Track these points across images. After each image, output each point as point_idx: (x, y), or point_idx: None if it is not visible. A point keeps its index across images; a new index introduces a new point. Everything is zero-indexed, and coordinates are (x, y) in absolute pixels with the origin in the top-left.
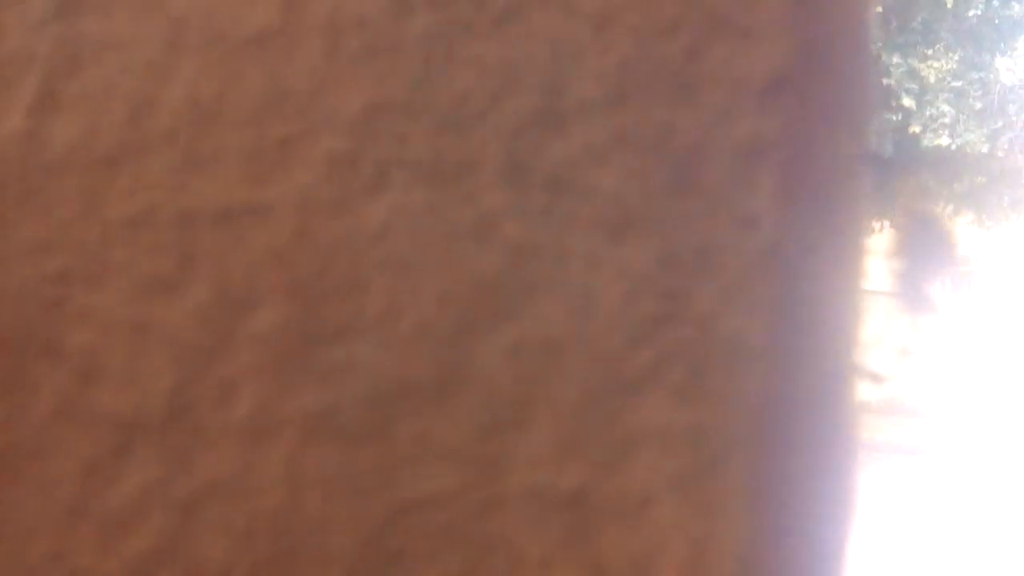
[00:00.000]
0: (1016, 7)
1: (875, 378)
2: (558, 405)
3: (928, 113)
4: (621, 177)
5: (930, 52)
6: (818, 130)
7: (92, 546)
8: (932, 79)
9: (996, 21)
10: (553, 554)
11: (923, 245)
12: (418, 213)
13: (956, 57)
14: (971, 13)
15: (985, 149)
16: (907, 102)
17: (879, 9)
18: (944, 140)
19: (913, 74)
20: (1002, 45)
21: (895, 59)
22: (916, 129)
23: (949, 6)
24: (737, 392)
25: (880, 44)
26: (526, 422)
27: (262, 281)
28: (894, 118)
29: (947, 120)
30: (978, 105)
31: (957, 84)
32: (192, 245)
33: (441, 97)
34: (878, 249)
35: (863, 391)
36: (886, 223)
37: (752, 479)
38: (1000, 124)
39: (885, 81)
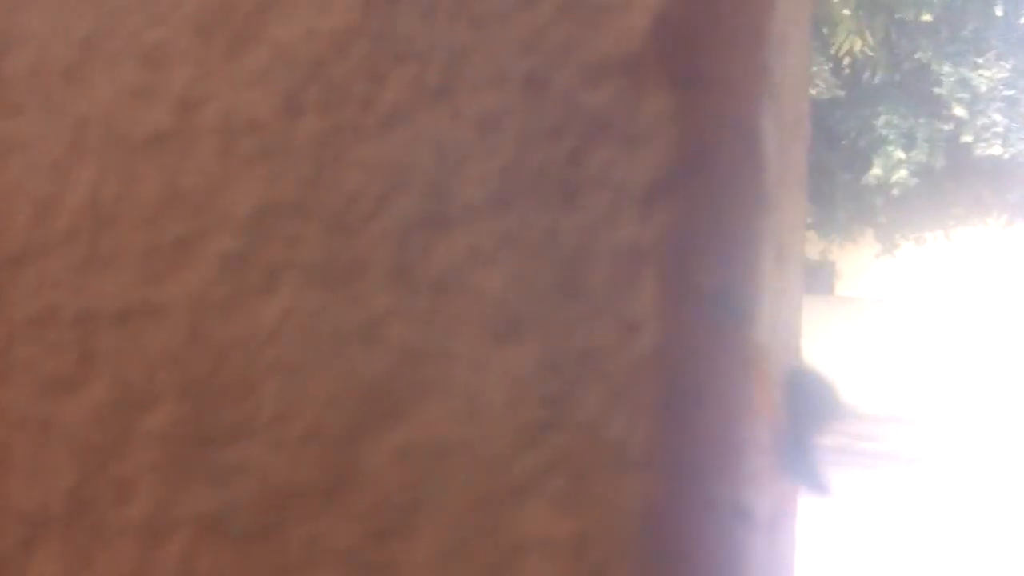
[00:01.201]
0: None
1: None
2: (444, 511)
3: (980, 123)
4: (505, 280)
5: (981, 61)
6: (702, 234)
7: None
8: (983, 88)
9: None
10: None
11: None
12: (308, 315)
13: (1008, 66)
14: (1022, 21)
15: None
16: (958, 112)
17: (929, 18)
18: (996, 150)
19: (964, 83)
20: None
21: (946, 68)
22: (968, 139)
23: (999, 15)
24: (620, 500)
25: (930, 54)
26: (413, 528)
27: (157, 381)
28: (945, 128)
29: (999, 129)
30: None
31: (1009, 93)
32: (92, 344)
33: (330, 199)
34: (931, 261)
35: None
36: (939, 234)
37: None
38: None
39: (936, 91)
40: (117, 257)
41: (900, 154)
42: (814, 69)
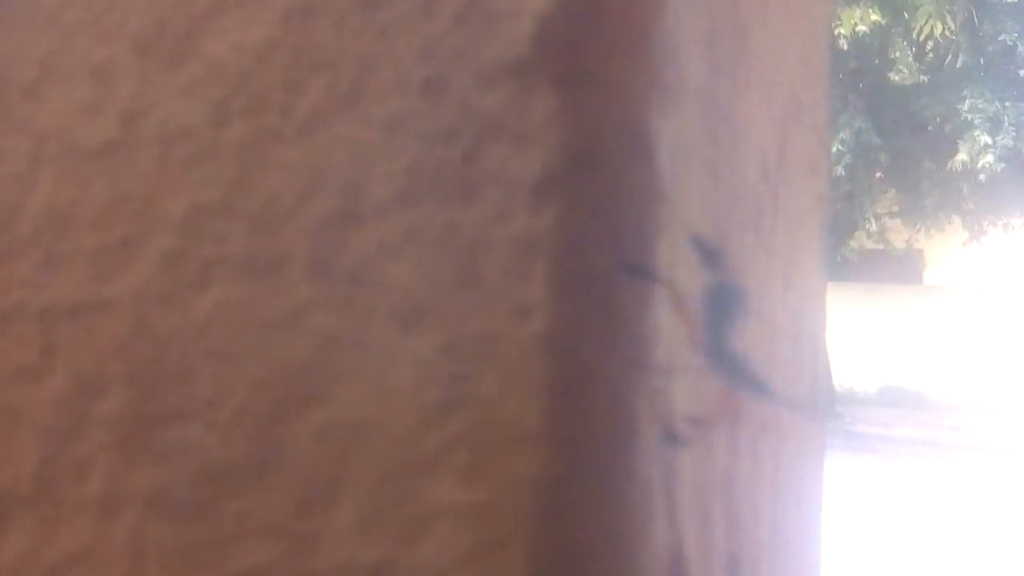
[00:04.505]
0: None
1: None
2: (360, 484)
3: None
4: (410, 271)
5: None
6: (589, 227)
7: None
8: None
9: None
10: None
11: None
12: (237, 306)
13: None
14: None
15: None
16: None
17: None
18: None
19: None
20: None
21: None
22: None
23: None
24: (517, 472)
25: (1016, 35)
26: (333, 500)
27: (108, 369)
28: None
29: None
30: None
31: None
32: (51, 337)
33: (254, 199)
34: (1018, 248)
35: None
36: None
37: (537, 552)
38: None
39: (1022, 73)
40: (72, 257)
41: (986, 139)
42: (896, 55)
